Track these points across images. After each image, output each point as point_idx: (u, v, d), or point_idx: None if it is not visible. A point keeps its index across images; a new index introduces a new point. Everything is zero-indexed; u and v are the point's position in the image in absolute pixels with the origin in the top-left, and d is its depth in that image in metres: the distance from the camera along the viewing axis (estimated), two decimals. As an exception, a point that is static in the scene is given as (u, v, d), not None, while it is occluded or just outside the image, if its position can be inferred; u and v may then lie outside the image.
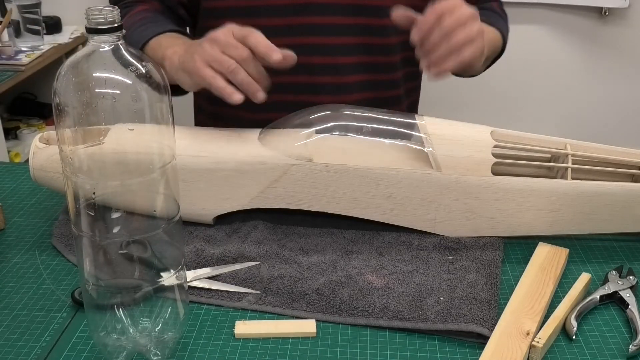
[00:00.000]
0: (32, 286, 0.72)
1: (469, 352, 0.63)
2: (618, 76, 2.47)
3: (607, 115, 2.53)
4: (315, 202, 0.79)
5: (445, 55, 0.79)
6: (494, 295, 0.69)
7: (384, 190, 0.77)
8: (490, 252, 0.76)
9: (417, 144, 0.80)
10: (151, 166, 0.58)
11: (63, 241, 0.79)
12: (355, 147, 0.81)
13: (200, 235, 0.80)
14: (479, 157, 0.77)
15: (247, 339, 0.65)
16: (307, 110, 0.85)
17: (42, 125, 2.48)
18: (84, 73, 0.55)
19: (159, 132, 0.58)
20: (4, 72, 2.05)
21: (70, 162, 0.56)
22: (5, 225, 0.84)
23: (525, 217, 0.78)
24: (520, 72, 2.50)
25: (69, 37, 2.35)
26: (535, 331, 0.64)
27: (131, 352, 0.61)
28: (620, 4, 2.31)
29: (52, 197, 0.90)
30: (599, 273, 0.75)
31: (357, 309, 0.67)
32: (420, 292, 0.69)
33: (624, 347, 0.64)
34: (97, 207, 0.58)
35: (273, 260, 0.75)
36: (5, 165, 1.03)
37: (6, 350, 0.63)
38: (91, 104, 0.54)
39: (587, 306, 0.69)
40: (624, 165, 0.80)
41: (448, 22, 0.78)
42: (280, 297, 0.69)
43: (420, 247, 0.78)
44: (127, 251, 0.60)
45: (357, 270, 0.73)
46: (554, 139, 0.81)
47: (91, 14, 0.53)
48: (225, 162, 0.78)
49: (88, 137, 0.57)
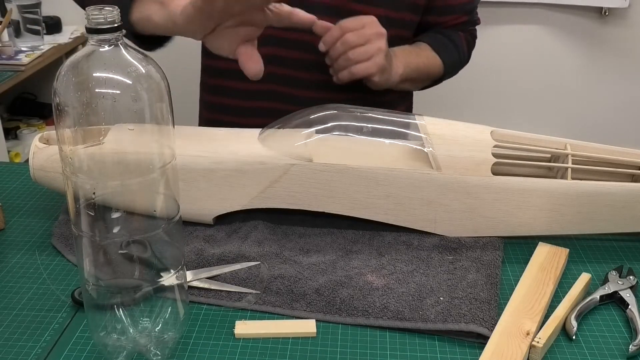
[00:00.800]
0: (32, 286, 0.72)
1: (469, 352, 0.63)
2: (618, 76, 2.47)
3: (607, 115, 2.53)
4: (315, 202, 0.79)
5: (342, 65, 0.91)
6: (494, 295, 0.69)
7: (384, 190, 0.77)
8: (490, 252, 0.76)
9: (417, 144, 0.80)
10: (151, 166, 0.58)
11: (63, 241, 0.79)
12: (355, 147, 0.81)
13: (200, 235, 0.80)
14: (479, 157, 0.77)
15: (247, 339, 0.65)
16: (307, 110, 0.85)
17: (42, 125, 2.48)
18: (84, 73, 0.55)
19: (159, 132, 0.58)
20: (4, 72, 2.05)
21: (70, 162, 0.56)
22: (5, 225, 0.84)
23: (525, 217, 0.78)
24: (521, 72, 2.50)
25: (69, 37, 2.35)
26: (535, 331, 0.64)
27: (131, 352, 0.61)
28: (620, 4, 2.31)
29: (52, 197, 0.90)
30: (599, 273, 0.75)
31: (357, 309, 0.67)
32: (420, 292, 0.69)
33: (624, 347, 0.64)
34: (97, 207, 0.58)
35: (273, 260, 0.75)
36: (5, 165, 1.03)
37: (6, 351, 0.63)
38: (91, 104, 0.54)
39: (587, 306, 0.69)
40: (624, 165, 0.80)
41: (349, 37, 0.89)
42: (280, 297, 0.69)
43: (420, 247, 0.78)
44: (127, 251, 0.60)
45: (357, 270, 0.73)
46: (554, 139, 0.81)
47: (91, 14, 0.53)
48: (225, 162, 0.78)
49: (88, 137, 0.57)
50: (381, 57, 0.92)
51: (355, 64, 0.90)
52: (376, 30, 0.91)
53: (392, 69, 0.97)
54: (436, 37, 1.10)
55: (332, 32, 0.90)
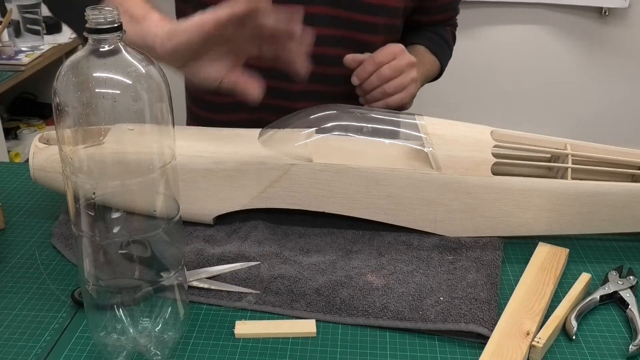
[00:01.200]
0: (32, 286, 0.72)
1: (469, 352, 0.63)
2: (618, 76, 2.47)
3: (607, 115, 2.53)
4: (315, 202, 0.79)
5: (377, 98, 0.94)
6: (494, 295, 0.69)
7: (384, 190, 0.77)
8: (490, 252, 0.76)
9: (417, 144, 0.80)
10: (151, 166, 0.58)
11: (63, 241, 0.79)
12: (355, 147, 0.81)
13: (200, 235, 0.80)
14: (479, 157, 0.77)
15: (247, 339, 0.65)
16: (307, 110, 0.85)
17: (42, 125, 2.48)
18: (84, 73, 0.55)
19: (159, 132, 0.58)
20: (4, 72, 2.05)
21: (70, 162, 0.56)
22: (5, 225, 0.84)
23: (525, 217, 0.78)
24: (521, 72, 2.50)
25: (69, 37, 2.35)
26: (535, 331, 0.64)
27: (131, 352, 0.61)
28: (620, 4, 2.31)
29: (52, 197, 0.90)
30: (599, 273, 0.75)
31: (357, 309, 0.67)
32: (420, 292, 0.69)
33: (624, 347, 0.64)
34: (97, 207, 0.58)
35: (273, 260, 0.75)
36: (5, 165, 1.03)
37: (6, 351, 0.63)
38: (91, 104, 0.54)
39: (587, 306, 0.69)
40: (624, 165, 0.80)
41: (385, 71, 0.92)
42: (280, 297, 0.69)
43: (420, 247, 0.78)
44: (127, 251, 0.60)
45: (357, 270, 0.73)
46: (554, 139, 0.81)
47: (91, 14, 0.53)
48: (225, 162, 0.78)
49: (88, 137, 0.57)
50: (414, 87, 0.95)
51: (391, 96, 0.93)
52: (408, 61, 0.94)
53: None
54: (431, 38, 1.11)
55: (366, 67, 0.93)
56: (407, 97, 0.95)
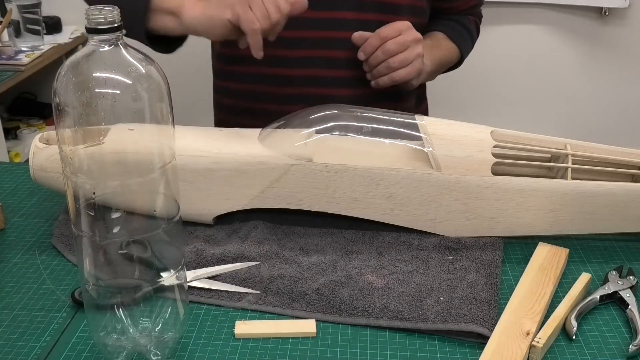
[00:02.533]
0: (32, 286, 0.72)
1: (469, 352, 0.63)
2: (618, 76, 2.46)
3: (607, 115, 2.53)
4: (315, 202, 0.79)
5: (383, 72, 0.94)
6: (494, 295, 0.69)
7: (384, 190, 0.77)
8: (490, 252, 0.76)
9: (417, 144, 0.80)
10: (151, 166, 0.58)
11: (63, 241, 0.79)
12: (355, 147, 0.81)
13: (200, 235, 0.80)
14: (479, 157, 0.77)
15: (247, 339, 0.65)
16: (307, 110, 0.85)
17: (42, 125, 2.47)
18: (84, 73, 0.55)
19: (159, 132, 0.58)
20: (4, 72, 2.05)
21: (70, 162, 0.56)
22: (5, 225, 0.84)
23: (525, 217, 0.78)
24: (521, 72, 2.50)
25: (69, 37, 2.35)
26: (535, 331, 0.64)
27: (131, 352, 0.61)
28: (620, 4, 2.31)
29: (52, 197, 0.90)
30: (599, 273, 0.75)
31: (357, 309, 0.67)
32: (420, 292, 0.69)
33: (624, 347, 0.64)
34: (97, 207, 0.58)
35: (273, 260, 0.75)
36: (5, 165, 1.03)
37: (6, 351, 0.63)
38: (91, 104, 0.54)
39: (587, 306, 0.69)
40: (624, 165, 0.80)
41: (389, 45, 0.93)
42: (280, 297, 0.69)
43: (420, 247, 0.78)
44: (127, 251, 0.60)
45: (357, 270, 0.73)
46: (554, 139, 0.81)
47: (91, 14, 0.53)
48: (225, 162, 0.78)
49: (88, 137, 0.57)
50: (419, 62, 0.95)
51: (396, 70, 0.94)
52: (413, 37, 0.94)
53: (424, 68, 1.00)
54: (450, 25, 1.12)
55: (371, 41, 0.94)
56: (412, 71, 0.95)
